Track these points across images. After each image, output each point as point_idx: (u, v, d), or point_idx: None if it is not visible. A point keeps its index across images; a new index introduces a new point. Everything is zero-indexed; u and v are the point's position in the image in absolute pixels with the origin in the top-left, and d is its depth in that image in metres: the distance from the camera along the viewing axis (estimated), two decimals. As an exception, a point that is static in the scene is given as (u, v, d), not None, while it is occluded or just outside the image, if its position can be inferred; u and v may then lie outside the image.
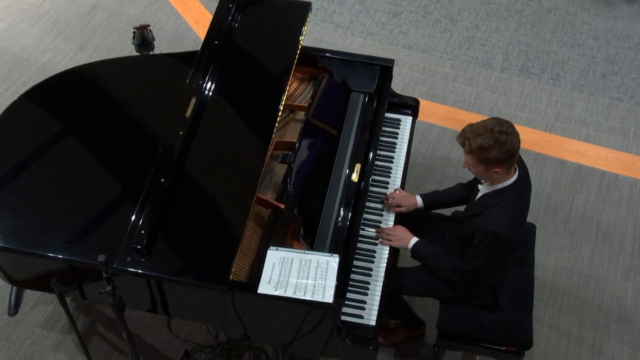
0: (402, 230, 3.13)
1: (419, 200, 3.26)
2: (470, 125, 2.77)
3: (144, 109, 3.23)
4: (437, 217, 3.39)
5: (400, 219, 3.25)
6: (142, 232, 2.76)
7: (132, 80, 3.40)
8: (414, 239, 3.09)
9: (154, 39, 4.19)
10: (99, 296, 2.75)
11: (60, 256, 2.81)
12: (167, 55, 3.57)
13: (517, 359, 3.19)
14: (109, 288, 2.56)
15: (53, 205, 2.94)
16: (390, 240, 3.10)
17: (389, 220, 3.22)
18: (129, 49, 4.94)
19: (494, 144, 2.68)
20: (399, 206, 3.23)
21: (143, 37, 4.13)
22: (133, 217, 2.83)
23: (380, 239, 3.13)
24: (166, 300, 2.88)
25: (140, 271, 2.73)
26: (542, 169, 4.43)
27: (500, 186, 2.84)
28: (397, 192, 3.28)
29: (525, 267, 3.30)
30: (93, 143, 3.14)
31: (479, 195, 2.95)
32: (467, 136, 2.73)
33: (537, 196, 4.25)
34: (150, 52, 4.21)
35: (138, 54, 4.19)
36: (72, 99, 3.32)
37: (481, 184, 2.93)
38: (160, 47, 5.03)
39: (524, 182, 2.90)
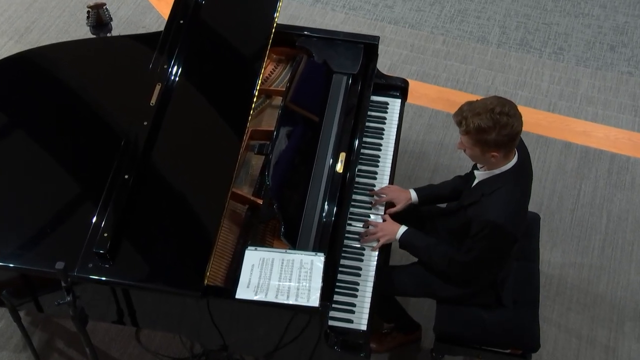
0: (387, 222, 3.17)
1: (413, 194, 3.30)
2: (469, 103, 2.79)
3: (102, 99, 3.24)
4: (430, 210, 3.42)
5: (394, 214, 3.28)
6: (105, 235, 2.78)
7: (88, 66, 3.40)
8: (402, 228, 3.12)
9: (111, 19, 4.19)
10: (57, 308, 2.74)
11: (11, 265, 2.81)
12: (127, 38, 3.59)
13: (523, 362, 3.25)
14: (68, 299, 2.57)
15: (0, 209, 2.94)
16: (376, 235, 3.13)
17: (378, 214, 3.26)
18: (83, 31, 4.93)
19: (493, 125, 2.71)
20: (392, 205, 3.26)
21: (99, 17, 4.12)
22: (94, 219, 2.84)
23: (364, 236, 3.15)
24: (134, 309, 2.89)
25: (103, 278, 2.74)
26: (546, 153, 4.49)
27: (497, 171, 2.88)
28: (389, 187, 3.31)
29: (529, 261, 3.35)
30: (45, 138, 3.14)
31: (475, 182, 2.99)
32: (465, 115, 2.76)
33: (540, 183, 4.30)
34: (108, 34, 4.21)
35: (94, 36, 4.19)
36: (18, 88, 3.31)
37: (477, 169, 2.97)
38: (119, 28, 5.03)
39: (524, 166, 2.94)
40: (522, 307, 3.20)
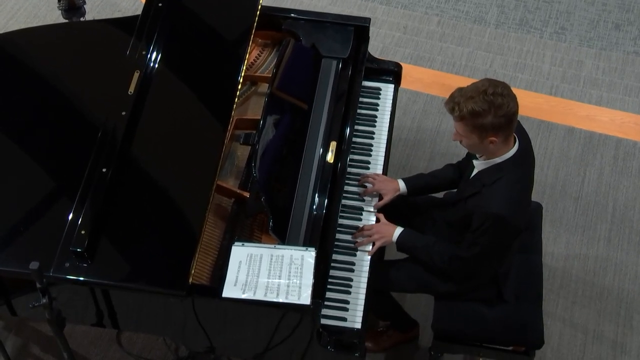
0: (382, 224, 3.17)
1: (401, 185, 3.31)
2: (460, 89, 2.81)
3: (76, 88, 3.24)
4: (427, 201, 3.45)
5: (384, 206, 3.30)
6: (82, 232, 2.78)
7: (60, 53, 3.39)
8: (398, 229, 3.14)
9: (84, 2, 4.19)
10: (32, 311, 2.74)
11: (-20, 266, 2.82)
12: (102, 22, 3.58)
13: (526, 359, 3.28)
14: (44, 301, 2.56)
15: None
16: (372, 238, 3.12)
17: (370, 206, 3.28)
18: (54, 15, 4.92)
19: (488, 107, 2.72)
20: (379, 196, 3.27)
21: (71, 0, 4.12)
22: (70, 216, 2.84)
23: (358, 240, 3.14)
24: (114, 311, 2.90)
25: (81, 279, 2.74)
26: (548, 139, 4.51)
27: (498, 160, 2.90)
28: (375, 177, 3.31)
29: (532, 253, 3.37)
30: (15, 131, 3.13)
31: (474, 172, 3.01)
32: (457, 100, 2.77)
33: (542, 170, 4.33)
34: (81, 19, 4.21)
35: (66, 20, 4.19)
36: (-17, 78, 3.31)
37: (476, 159, 2.99)
38: (93, 12, 5.01)
39: (525, 154, 2.96)
40: (525, 302, 3.22)
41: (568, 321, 3.82)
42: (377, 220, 3.22)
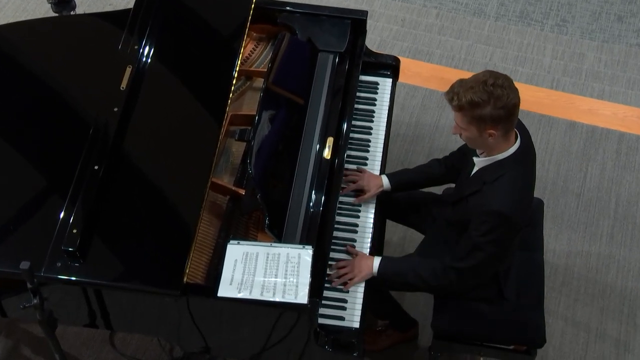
0: (359, 258, 3.09)
1: (384, 181, 3.31)
2: (461, 80, 2.81)
3: (67, 84, 3.24)
4: (425, 198, 3.45)
5: (380, 204, 3.30)
6: (74, 231, 2.78)
7: (50, 47, 3.39)
8: (377, 259, 3.06)
9: (74, -5, 4.19)
10: (23, 312, 2.74)
11: (-31, 266, 2.81)
12: (93, 16, 3.58)
13: (528, 359, 3.28)
14: (35, 301, 2.56)
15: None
16: (350, 275, 3.04)
17: (369, 203, 3.29)
18: (44, 9, 4.92)
19: (487, 98, 2.72)
20: (362, 191, 3.27)
21: (61, -7, 4.12)
22: (62, 214, 2.84)
23: (335, 280, 3.05)
24: (107, 311, 2.90)
25: (73, 278, 2.75)
26: (549, 134, 4.52)
27: (500, 157, 2.89)
28: (359, 173, 3.31)
29: (533, 250, 3.38)
30: (4, 127, 3.13)
31: (475, 169, 3.00)
32: (457, 91, 2.77)
33: (543, 166, 4.34)
34: (71, 12, 4.21)
35: (56, 14, 4.18)
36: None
37: (476, 155, 2.99)
38: (83, 5, 5.01)
39: (527, 150, 2.96)
40: (526, 300, 3.23)
41: (570, 319, 3.83)
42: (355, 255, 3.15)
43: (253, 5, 3.38)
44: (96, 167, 2.92)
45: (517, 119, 2.86)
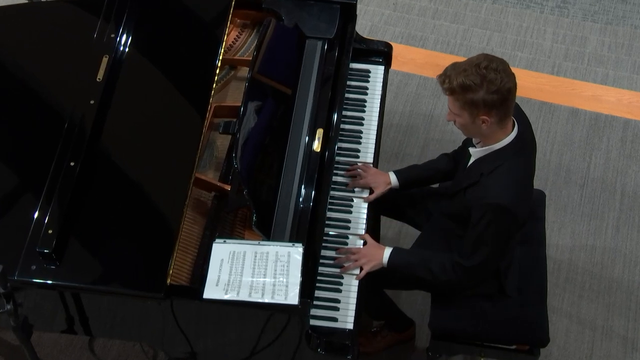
0: (369, 246, 3.12)
1: (392, 178, 3.31)
2: (454, 63, 2.82)
3: (40, 75, 3.23)
4: (422, 193, 3.46)
5: (374, 200, 3.30)
6: (50, 231, 2.78)
7: (22, 36, 3.38)
8: (387, 250, 3.09)
9: (47, -18, 4.16)
10: (-5, 319, 2.78)
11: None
12: (67, 3, 3.56)
13: (531, 359, 3.29)
14: (9, 307, 2.55)
15: None
16: (359, 263, 3.07)
17: (363, 197, 3.29)
18: (13, -3, 4.89)
19: (480, 82, 2.73)
20: (369, 189, 3.27)
21: (32, -20, 4.10)
22: (36, 214, 2.84)
23: (344, 265, 3.09)
24: (86, 316, 2.90)
25: (49, 282, 2.75)
26: (550, 122, 4.53)
27: (497, 146, 2.90)
28: (366, 169, 3.31)
29: (535, 245, 3.39)
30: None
31: (472, 160, 3.01)
32: (448, 73, 2.79)
33: (545, 156, 4.35)
34: None
35: (26, 1, 4.17)
36: None
37: (473, 146, 3.00)
38: (55, -8, 4.99)
39: (525, 139, 2.96)
40: (528, 297, 3.24)
41: (575, 317, 3.85)
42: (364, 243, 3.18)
43: (236, -10, 3.38)
44: (72, 164, 2.91)
45: (512, 105, 2.86)
